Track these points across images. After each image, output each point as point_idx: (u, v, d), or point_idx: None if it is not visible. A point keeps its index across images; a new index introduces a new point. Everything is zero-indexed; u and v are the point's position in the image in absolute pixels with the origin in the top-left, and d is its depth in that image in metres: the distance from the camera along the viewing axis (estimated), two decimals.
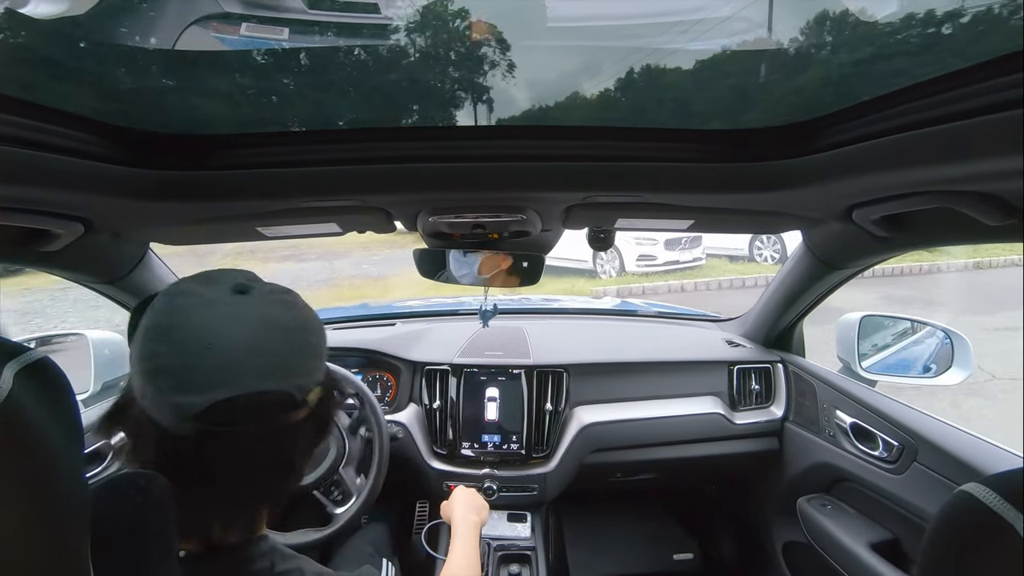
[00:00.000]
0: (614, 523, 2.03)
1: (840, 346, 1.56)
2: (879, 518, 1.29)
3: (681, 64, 0.67)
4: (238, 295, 0.59)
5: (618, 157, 0.81)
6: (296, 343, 0.60)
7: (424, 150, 0.80)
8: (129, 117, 0.72)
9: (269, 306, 0.60)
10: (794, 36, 0.61)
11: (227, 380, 0.54)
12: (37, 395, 0.38)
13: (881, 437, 1.27)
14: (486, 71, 0.66)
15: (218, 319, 0.56)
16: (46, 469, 0.37)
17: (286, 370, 0.58)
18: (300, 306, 0.63)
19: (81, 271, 1.14)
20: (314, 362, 0.62)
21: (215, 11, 0.56)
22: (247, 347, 0.55)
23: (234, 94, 0.72)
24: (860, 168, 0.73)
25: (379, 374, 1.71)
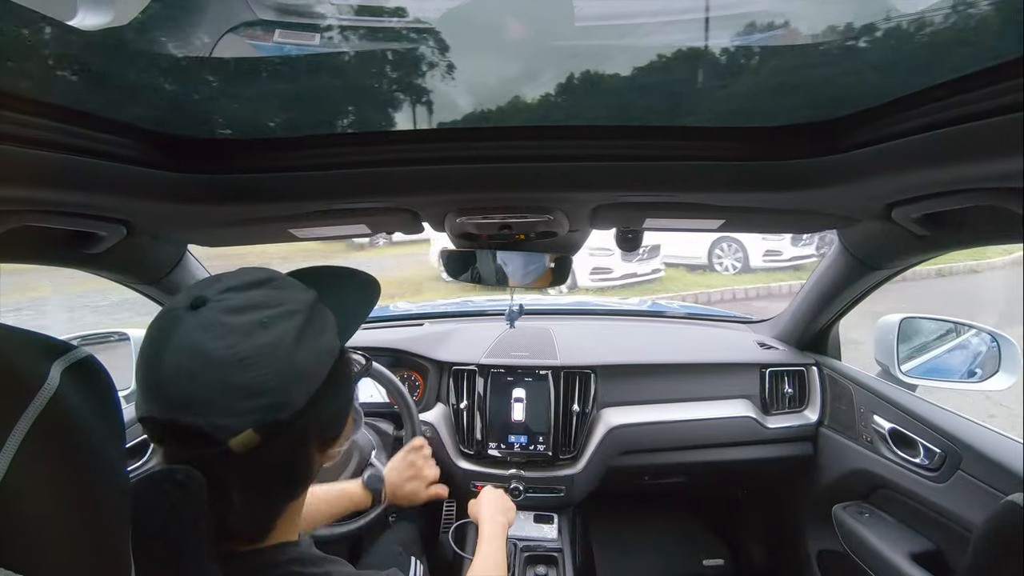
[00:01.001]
0: (642, 526, 2.01)
1: (878, 349, 1.51)
2: (920, 528, 1.25)
3: (711, 60, 0.66)
4: (190, 310, 0.55)
5: (647, 156, 0.80)
6: (209, 378, 0.53)
7: (451, 151, 0.81)
8: (168, 123, 0.75)
9: (202, 329, 0.54)
10: (830, 29, 0.59)
11: (150, 399, 0.54)
12: (82, 392, 0.40)
13: (922, 443, 1.23)
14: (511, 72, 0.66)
15: (158, 333, 0.55)
16: (90, 463, 0.39)
17: (200, 405, 0.52)
18: (249, 332, 0.55)
19: (123, 272, 1.18)
20: (241, 402, 0.53)
21: (250, 19, 0.57)
22: (165, 372, 0.53)
23: (268, 100, 0.73)
24: (901, 165, 0.71)
25: (407, 373, 1.73)
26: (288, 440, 0.58)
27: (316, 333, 0.60)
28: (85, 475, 0.38)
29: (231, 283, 0.59)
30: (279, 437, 0.56)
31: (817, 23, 0.58)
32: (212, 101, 0.73)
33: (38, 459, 0.34)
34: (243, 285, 0.59)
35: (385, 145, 0.81)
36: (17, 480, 0.33)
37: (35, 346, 0.40)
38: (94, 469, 0.39)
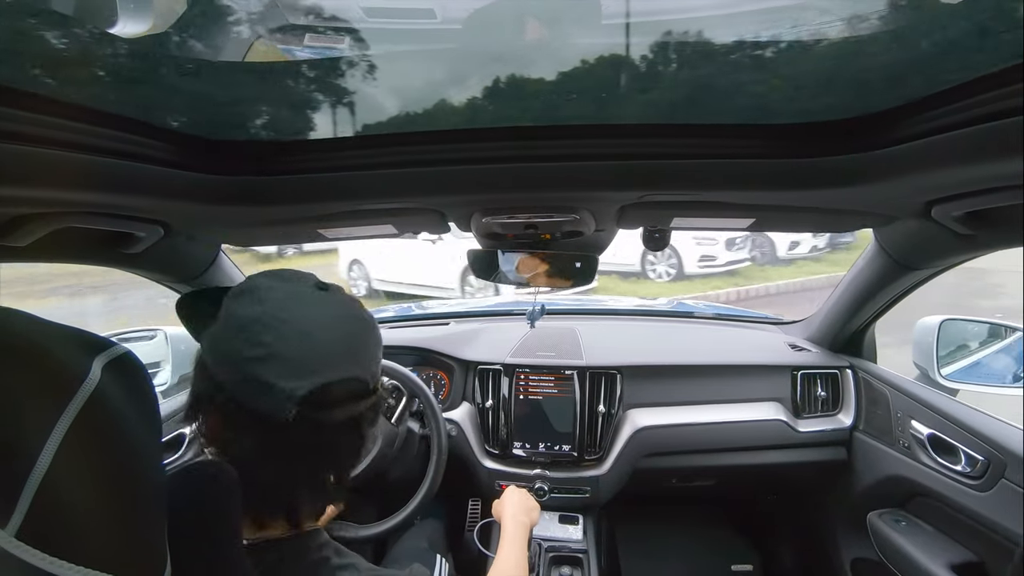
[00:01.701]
0: (669, 529, 1.98)
1: (917, 352, 1.46)
2: (961, 538, 1.20)
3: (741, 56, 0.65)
4: (320, 291, 0.66)
5: (674, 155, 0.79)
6: (369, 335, 0.68)
7: (478, 151, 0.81)
8: (202, 126, 0.77)
9: (350, 303, 0.68)
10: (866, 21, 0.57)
11: (323, 367, 0.60)
12: (122, 386, 0.41)
13: (963, 450, 1.18)
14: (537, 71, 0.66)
15: (312, 312, 0.63)
16: (129, 455, 0.40)
17: (366, 359, 0.65)
18: (363, 305, 0.70)
19: (161, 271, 1.22)
20: (380, 353, 0.70)
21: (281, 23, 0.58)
22: (337, 337, 0.63)
23: (298, 103, 0.75)
24: (942, 160, 0.68)
25: (433, 372, 1.74)
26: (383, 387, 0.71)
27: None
28: (124, 467, 0.39)
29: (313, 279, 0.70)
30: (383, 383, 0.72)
31: (853, 15, 0.57)
32: (245, 105, 0.75)
33: (81, 451, 0.36)
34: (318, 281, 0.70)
35: (412, 146, 0.81)
36: (61, 471, 0.34)
37: (78, 342, 0.41)
38: (133, 461, 0.40)
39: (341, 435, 0.65)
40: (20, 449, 0.33)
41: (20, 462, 0.33)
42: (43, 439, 0.34)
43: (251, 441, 0.59)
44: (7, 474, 0.32)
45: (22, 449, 0.33)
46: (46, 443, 0.34)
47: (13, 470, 0.33)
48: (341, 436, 0.65)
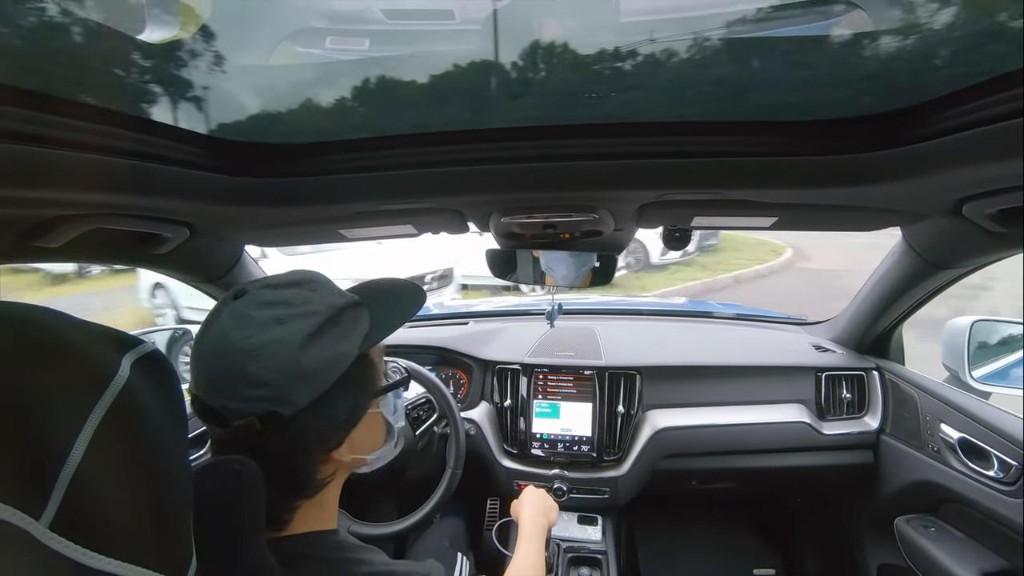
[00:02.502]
0: (689, 532, 1.96)
1: (947, 353, 1.42)
2: (993, 545, 1.17)
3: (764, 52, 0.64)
4: (232, 300, 0.61)
5: (694, 153, 0.78)
6: (230, 365, 0.57)
7: (497, 151, 0.81)
8: (227, 129, 0.78)
9: (233, 319, 0.59)
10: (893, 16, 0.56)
11: (192, 377, 0.60)
12: (150, 383, 0.42)
13: (995, 455, 1.14)
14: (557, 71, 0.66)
15: (209, 318, 0.62)
16: (156, 450, 0.41)
17: (217, 388, 0.58)
18: (266, 325, 0.58)
19: (186, 271, 1.25)
20: (246, 390, 0.57)
21: (303, 27, 0.59)
22: (202, 352, 0.60)
23: (320, 105, 0.76)
24: (974, 156, 0.66)
25: (452, 371, 1.75)
26: (287, 437, 0.60)
27: (332, 338, 0.61)
28: (152, 462, 0.40)
29: (274, 280, 0.64)
30: (279, 432, 0.59)
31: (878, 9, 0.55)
32: (268, 107, 0.76)
33: (111, 446, 0.37)
34: (283, 283, 0.63)
35: (432, 146, 0.82)
36: (92, 465, 0.35)
37: (107, 339, 0.42)
38: (160, 457, 0.41)
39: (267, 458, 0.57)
40: (54, 442, 0.34)
41: (54, 455, 0.34)
42: (75, 433, 0.35)
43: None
44: (41, 467, 0.33)
45: (56, 442, 0.34)
46: (78, 437, 0.35)
47: (47, 463, 0.33)
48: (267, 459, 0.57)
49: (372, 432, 0.72)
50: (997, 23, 0.53)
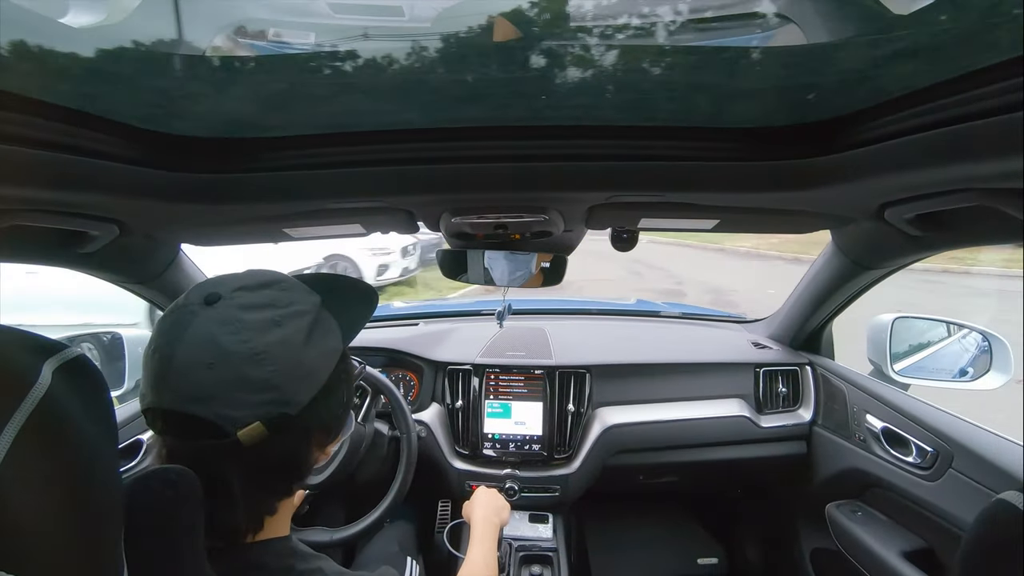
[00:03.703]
0: (637, 526, 2.01)
1: (871, 348, 1.52)
2: (912, 526, 1.26)
3: (706, 61, 0.66)
4: (205, 306, 0.58)
5: (641, 156, 0.81)
6: (226, 371, 0.55)
7: (447, 151, 0.81)
8: (161, 121, 0.74)
9: (219, 323, 0.56)
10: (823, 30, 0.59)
11: (156, 391, 0.56)
12: (74, 391, 0.39)
13: (914, 442, 1.23)
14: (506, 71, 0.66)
15: (170, 328, 0.57)
16: (82, 462, 0.39)
17: (206, 397, 0.54)
18: (262, 329, 0.57)
19: (116, 272, 1.18)
20: (252, 395, 0.55)
21: (245, 16, 0.57)
22: (178, 364, 0.55)
23: (262, 99, 0.73)
24: (893, 165, 0.71)
25: (402, 373, 1.73)
26: (292, 435, 0.60)
27: (323, 334, 0.63)
28: (77, 474, 0.38)
29: (243, 282, 0.61)
30: (284, 432, 0.58)
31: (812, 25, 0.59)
32: (206, 99, 0.73)
33: (30, 458, 0.34)
34: (255, 284, 0.61)
35: (381, 144, 0.81)
36: (8, 479, 0.33)
37: (27, 345, 0.39)
38: (87, 468, 0.39)
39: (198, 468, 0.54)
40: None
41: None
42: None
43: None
44: None
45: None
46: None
47: None
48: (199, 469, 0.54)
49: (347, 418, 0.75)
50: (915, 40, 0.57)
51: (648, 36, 0.60)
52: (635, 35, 0.60)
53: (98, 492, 0.39)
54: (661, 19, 0.58)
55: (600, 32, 0.60)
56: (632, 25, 0.59)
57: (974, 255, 7.67)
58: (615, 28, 0.59)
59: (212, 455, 0.56)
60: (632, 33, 0.60)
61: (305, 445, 0.64)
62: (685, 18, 0.58)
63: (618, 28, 0.60)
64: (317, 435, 0.66)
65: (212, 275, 0.66)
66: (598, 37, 0.60)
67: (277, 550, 0.64)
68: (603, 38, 0.60)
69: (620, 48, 0.62)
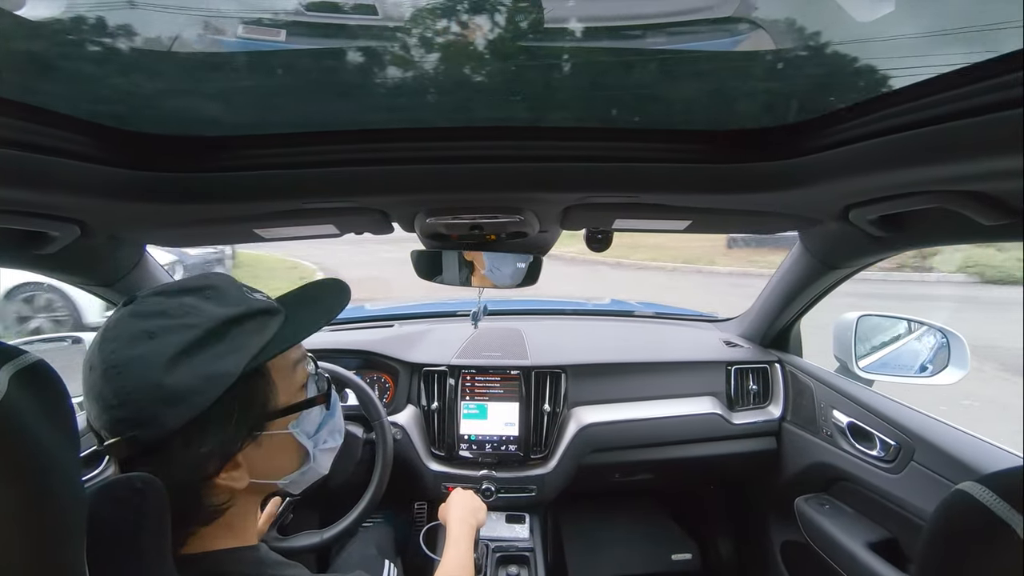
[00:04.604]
0: (612, 524, 2.03)
1: (837, 345, 1.56)
2: (877, 517, 1.30)
3: (678, 65, 0.68)
4: (122, 307, 0.58)
5: (616, 158, 0.81)
6: (93, 382, 0.54)
7: (422, 151, 0.80)
8: (124, 119, 0.72)
9: (106, 331, 0.56)
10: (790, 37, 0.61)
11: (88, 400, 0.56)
12: (33, 398, 0.38)
13: (878, 437, 1.27)
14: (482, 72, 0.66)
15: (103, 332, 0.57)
16: (41, 471, 0.37)
17: (89, 404, 0.55)
18: (129, 341, 0.54)
19: (77, 274, 1.13)
20: (102, 411, 0.53)
21: (214, 11, 0.56)
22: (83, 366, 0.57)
23: (230, 96, 0.71)
24: (857, 168, 0.73)
25: (377, 375, 1.71)
26: (161, 462, 0.54)
27: (211, 355, 0.56)
28: (36, 482, 0.37)
29: (169, 287, 0.59)
30: (156, 455, 0.54)
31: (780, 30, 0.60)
32: (173, 96, 0.71)
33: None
34: (176, 290, 0.58)
35: (354, 144, 0.80)
36: None
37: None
38: (46, 476, 0.37)
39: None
40: None
41: None
42: None
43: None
44: None
45: None
46: None
47: None
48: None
49: (280, 456, 0.65)
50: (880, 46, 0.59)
51: (621, 39, 0.61)
52: (608, 38, 0.61)
53: (57, 499, 0.38)
54: (634, 22, 0.59)
55: (573, 34, 0.60)
56: (605, 28, 0.60)
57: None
58: (588, 30, 0.60)
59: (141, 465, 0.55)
60: (605, 36, 0.61)
61: (179, 479, 0.55)
62: (657, 22, 0.59)
63: (591, 31, 0.60)
64: (190, 470, 0.57)
65: None
66: (571, 39, 0.60)
67: (241, 558, 0.62)
68: (576, 40, 0.60)
69: (593, 50, 0.63)
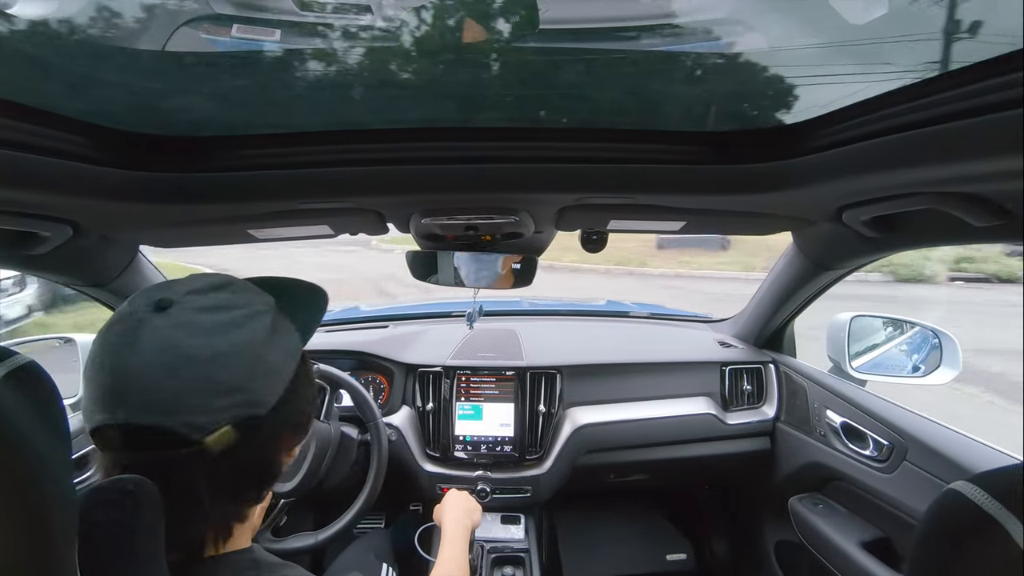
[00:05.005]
0: (607, 524, 2.03)
1: (830, 346, 1.57)
2: (870, 517, 1.30)
3: (673, 67, 0.68)
4: (156, 312, 0.55)
5: (611, 159, 0.82)
6: (191, 376, 0.53)
7: (417, 151, 0.80)
8: (118, 119, 0.72)
9: (176, 328, 0.54)
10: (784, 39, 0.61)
11: (107, 406, 0.53)
12: (23, 399, 0.38)
13: (871, 436, 1.28)
14: (478, 72, 0.66)
15: (120, 338, 0.54)
16: (32, 473, 0.37)
17: (170, 404, 0.52)
18: (226, 329, 0.56)
19: (69, 274, 1.13)
20: (222, 399, 0.54)
21: (206, 12, 0.56)
22: (134, 374, 0.52)
23: (224, 96, 0.71)
24: (850, 170, 0.74)
25: (371, 376, 1.70)
26: (261, 437, 0.59)
27: (283, 333, 0.62)
28: (27, 485, 0.36)
29: (193, 286, 0.59)
30: (253, 434, 0.57)
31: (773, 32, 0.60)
32: (167, 96, 0.71)
33: None
34: (206, 288, 0.59)
35: (349, 144, 0.79)
36: None
37: None
38: (37, 479, 0.37)
39: (162, 482, 0.53)
40: None
41: None
42: None
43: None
44: None
45: None
46: None
47: None
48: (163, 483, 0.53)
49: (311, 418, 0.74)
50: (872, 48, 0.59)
51: (616, 40, 0.61)
52: (604, 39, 0.61)
53: (48, 503, 0.38)
54: (629, 24, 0.59)
55: (569, 35, 0.60)
56: (600, 29, 0.60)
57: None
58: (584, 32, 0.60)
59: (177, 465, 0.54)
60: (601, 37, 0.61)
61: (273, 447, 0.63)
62: (652, 24, 0.59)
63: (587, 32, 0.60)
64: (285, 436, 0.64)
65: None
66: (567, 40, 0.60)
67: (242, 561, 0.62)
68: (572, 41, 0.61)
69: (589, 52, 0.63)
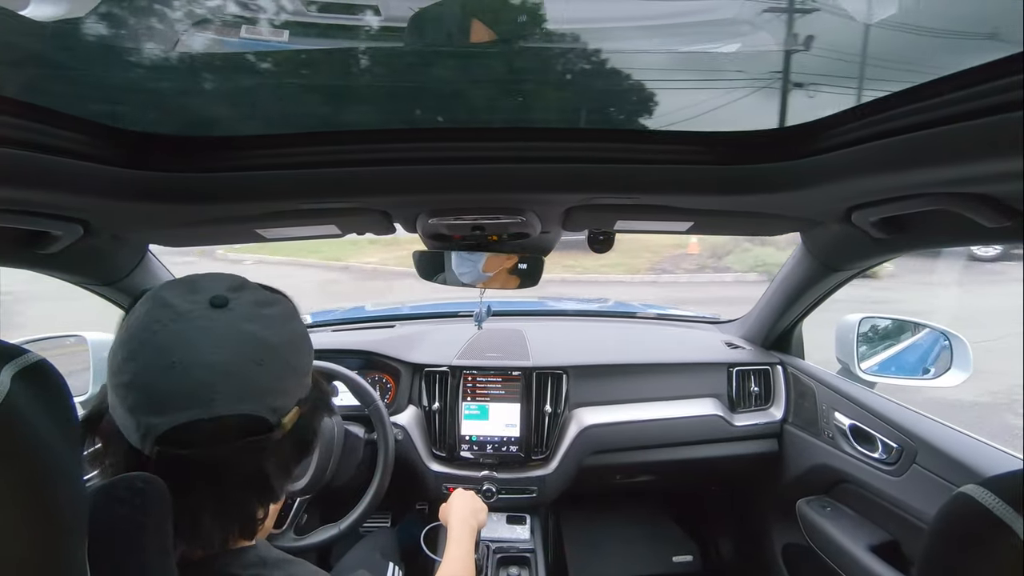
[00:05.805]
0: (613, 525, 2.03)
1: (839, 347, 1.56)
2: (879, 520, 1.29)
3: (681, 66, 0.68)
4: (215, 309, 0.56)
5: (618, 159, 0.81)
6: (275, 364, 0.57)
7: (424, 151, 0.80)
8: (129, 119, 0.72)
9: (249, 321, 0.57)
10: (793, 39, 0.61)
11: (193, 402, 0.52)
12: (35, 397, 0.38)
13: (880, 439, 1.27)
14: (486, 73, 0.67)
15: (189, 336, 0.54)
16: (43, 471, 0.37)
17: (260, 393, 0.55)
18: (285, 319, 0.61)
19: (80, 273, 1.14)
20: (295, 382, 0.60)
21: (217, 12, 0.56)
22: (218, 368, 0.53)
23: (235, 96, 0.72)
24: (859, 170, 0.73)
25: (378, 376, 1.71)
26: (308, 413, 0.64)
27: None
28: (39, 482, 0.37)
29: (228, 283, 0.61)
30: (309, 410, 0.63)
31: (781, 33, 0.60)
32: (178, 96, 0.71)
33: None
34: (236, 286, 0.61)
35: (357, 144, 0.80)
36: None
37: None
38: (48, 476, 0.37)
39: (230, 472, 0.56)
40: None
41: None
42: None
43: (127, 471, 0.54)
44: None
45: None
46: None
47: None
48: (230, 473, 0.56)
49: None
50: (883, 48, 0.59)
51: (624, 40, 0.61)
52: (611, 39, 0.61)
53: (59, 500, 0.38)
54: (637, 25, 0.59)
55: (576, 36, 0.60)
56: (609, 29, 0.60)
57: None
58: (591, 32, 0.60)
59: (251, 450, 0.56)
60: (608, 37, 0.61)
61: (315, 422, 0.67)
62: (660, 24, 0.59)
63: (595, 32, 0.60)
64: (318, 413, 0.68)
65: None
66: (575, 41, 0.60)
67: (248, 558, 0.62)
68: (579, 42, 0.61)
69: (597, 52, 0.63)
